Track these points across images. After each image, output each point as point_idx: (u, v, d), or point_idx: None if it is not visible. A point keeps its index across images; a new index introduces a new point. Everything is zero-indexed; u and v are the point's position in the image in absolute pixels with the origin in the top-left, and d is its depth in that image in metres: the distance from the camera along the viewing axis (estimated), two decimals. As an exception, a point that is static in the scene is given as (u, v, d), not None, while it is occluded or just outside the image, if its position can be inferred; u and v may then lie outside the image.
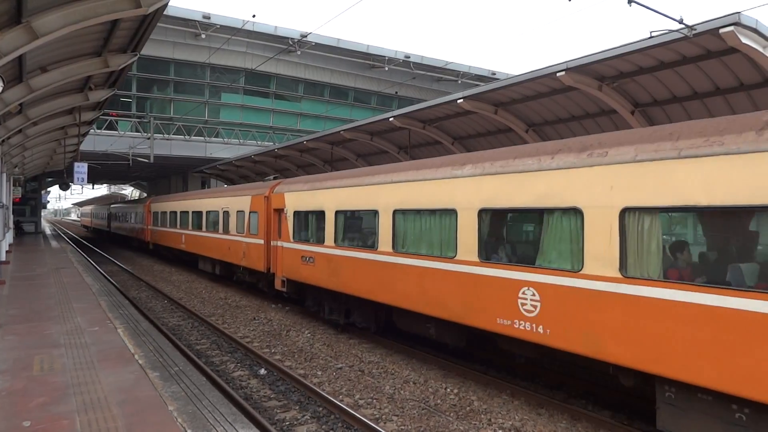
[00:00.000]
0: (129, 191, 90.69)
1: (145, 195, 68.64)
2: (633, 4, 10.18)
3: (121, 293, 17.41)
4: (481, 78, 45.47)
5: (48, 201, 72.56)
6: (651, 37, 10.85)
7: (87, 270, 20.02)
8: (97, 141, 33.67)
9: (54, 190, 78.43)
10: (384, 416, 8.06)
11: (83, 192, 77.24)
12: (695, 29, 10.22)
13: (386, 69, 43.37)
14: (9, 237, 28.43)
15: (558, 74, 12.89)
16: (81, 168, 23.03)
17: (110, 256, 33.97)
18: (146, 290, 20.73)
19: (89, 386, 6.87)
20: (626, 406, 8.37)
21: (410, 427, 7.65)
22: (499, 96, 15.68)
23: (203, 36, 36.20)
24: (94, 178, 56.88)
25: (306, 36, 37.15)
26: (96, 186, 73.93)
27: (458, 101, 16.08)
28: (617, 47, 11.82)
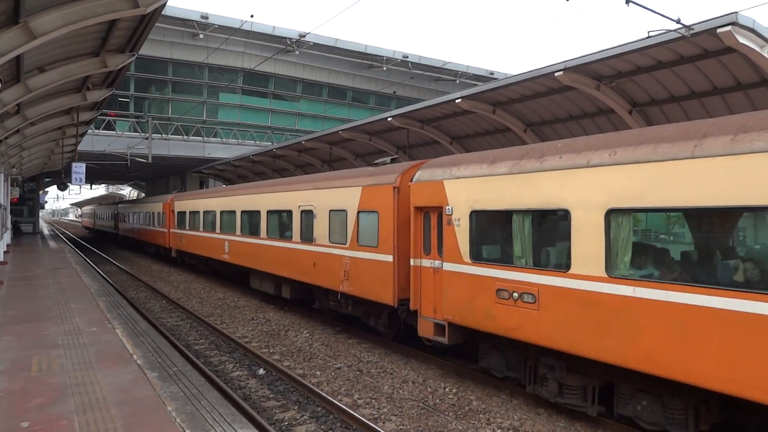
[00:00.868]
0: (127, 191, 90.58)
1: (144, 195, 68.33)
2: (631, 4, 10.20)
3: (120, 293, 17.41)
4: (479, 78, 45.54)
5: (46, 201, 72.37)
6: (649, 37, 10.86)
7: (85, 270, 19.98)
8: (95, 141, 33.64)
9: (52, 191, 78.26)
10: (383, 416, 8.07)
11: (81, 192, 77.21)
12: (693, 29, 10.25)
13: (384, 69, 43.42)
14: (7, 237, 28.37)
15: (556, 74, 12.92)
16: (79, 168, 23.01)
17: (109, 257, 33.92)
18: (144, 290, 20.71)
19: (88, 387, 6.86)
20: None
21: (409, 427, 7.66)
22: (498, 96, 15.72)
23: (201, 36, 36.20)
24: (92, 179, 56.89)
25: (304, 36, 37.16)
26: (94, 186, 73.93)
27: (456, 101, 16.10)
28: (615, 47, 11.83)
